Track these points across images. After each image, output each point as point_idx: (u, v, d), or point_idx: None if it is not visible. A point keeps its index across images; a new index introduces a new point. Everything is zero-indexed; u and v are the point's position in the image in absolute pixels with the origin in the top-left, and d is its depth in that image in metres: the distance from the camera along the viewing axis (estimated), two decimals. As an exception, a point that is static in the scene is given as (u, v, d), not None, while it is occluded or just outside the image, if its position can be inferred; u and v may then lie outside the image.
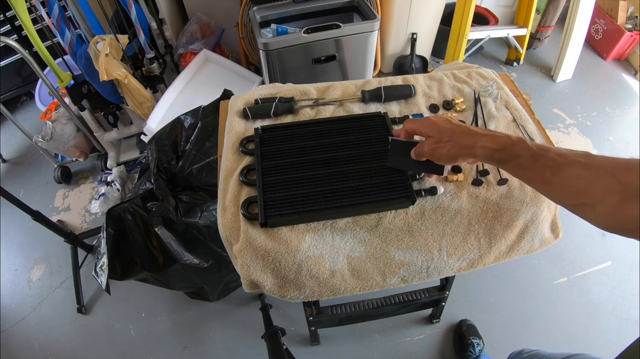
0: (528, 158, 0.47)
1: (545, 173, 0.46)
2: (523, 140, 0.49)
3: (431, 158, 0.57)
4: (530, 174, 0.47)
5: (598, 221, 0.43)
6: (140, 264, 1.12)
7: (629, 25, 2.29)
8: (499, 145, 0.49)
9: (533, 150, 0.47)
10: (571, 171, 0.44)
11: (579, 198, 0.44)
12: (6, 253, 1.72)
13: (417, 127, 0.59)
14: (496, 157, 0.49)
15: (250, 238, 0.67)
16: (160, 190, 1.14)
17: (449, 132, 0.54)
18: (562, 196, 0.46)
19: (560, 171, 0.45)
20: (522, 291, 1.46)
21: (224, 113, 0.89)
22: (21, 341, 1.45)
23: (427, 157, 0.58)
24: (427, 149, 0.57)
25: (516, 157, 0.48)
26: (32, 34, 1.42)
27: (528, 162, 0.47)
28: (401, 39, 2.10)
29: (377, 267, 0.69)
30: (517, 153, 0.48)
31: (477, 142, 0.51)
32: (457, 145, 0.53)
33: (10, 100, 2.30)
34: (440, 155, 0.55)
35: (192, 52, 1.84)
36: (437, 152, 0.55)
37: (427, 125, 0.57)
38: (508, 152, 0.48)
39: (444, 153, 0.54)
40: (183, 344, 1.39)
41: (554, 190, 0.46)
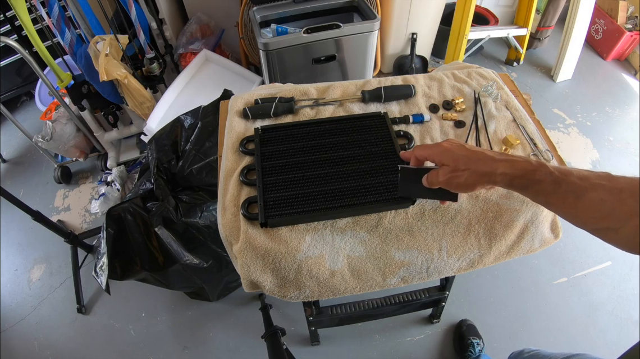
0: (550, 184, 0.45)
1: (568, 199, 0.44)
2: (544, 165, 0.46)
3: (447, 187, 0.54)
4: (552, 200, 0.46)
5: (622, 245, 0.42)
6: (140, 264, 1.12)
7: (629, 25, 2.29)
8: (519, 171, 0.47)
9: (555, 175, 0.45)
10: (594, 195, 0.42)
11: (603, 222, 0.42)
12: (6, 253, 1.72)
13: (430, 154, 0.56)
14: (516, 184, 0.47)
15: (250, 238, 0.67)
16: (160, 190, 1.14)
17: (464, 159, 0.51)
18: (585, 221, 0.44)
19: (583, 196, 0.43)
20: (522, 291, 1.46)
21: (224, 113, 0.89)
22: (21, 341, 1.45)
23: (443, 186, 0.55)
24: (442, 179, 0.54)
25: (537, 182, 0.46)
26: (32, 34, 1.42)
27: (550, 187, 0.45)
28: (401, 39, 2.10)
29: (377, 267, 0.69)
30: (539, 179, 0.46)
31: (495, 169, 0.48)
32: (475, 173, 0.50)
33: (10, 100, 2.30)
34: (458, 184, 0.52)
35: (192, 52, 1.84)
36: (454, 182, 0.52)
37: (441, 152, 0.54)
38: (529, 178, 0.46)
39: (462, 182, 0.52)
40: (183, 344, 1.39)
41: (577, 215, 0.44)
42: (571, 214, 0.45)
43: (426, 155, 0.57)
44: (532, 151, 0.79)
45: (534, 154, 0.78)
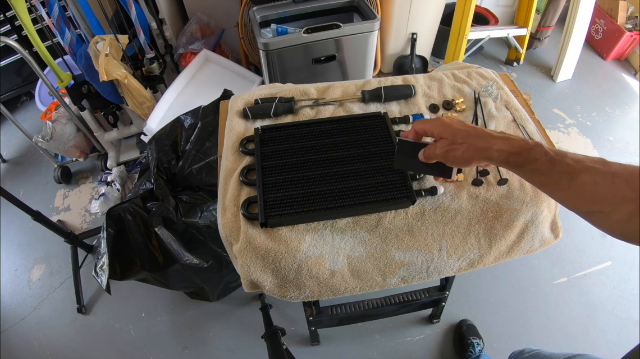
0: (545, 163, 0.46)
1: (561, 180, 0.45)
2: (540, 145, 0.47)
3: (444, 160, 0.54)
4: (546, 180, 0.46)
5: (612, 230, 0.43)
6: (140, 264, 1.12)
7: (629, 25, 2.29)
8: (516, 148, 0.48)
9: (550, 155, 0.46)
10: (587, 178, 0.43)
11: (594, 205, 0.43)
12: (6, 253, 1.72)
13: (429, 127, 0.56)
14: (512, 161, 0.48)
15: (250, 238, 0.67)
16: (160, 190, 1.14)
17: (463, 133, 0.52)
18: (577, 204, 0.45)
19: (576, 177, 0.44)
20: (522, 291, 1.46)
21: (224, 113, 0.89)
22: (21, 341, 1.45)
23: (439, 160, 0.55)
24: (439, 151, 0.54)
25: (533, 161, 0.46)
26: (32, 34, 1.42)
27: (545, 167, 0.46)
28: (401, 39, 2.10)
29: (377, 267, 0.69)
30: (534, 157, 0.46)
31: (492, 144, 0.49)
32: (472, 147, 0.50)
33: (10, 100, 2.30)
34: (454, 157, 0.52)
35: (192, 52, 1.84)
36: (451, 154, 0.52)
37: (440, 126, 0.54)
38: (525, 156, 0.47)
39: (458, 156, 0.52)
40: (183, 344, 1.39)
41: (569, 197, 0.45)
42: (564, 196, 0.45)
43: (425, 128, 0.57)
44: (532, 151, 0.79)
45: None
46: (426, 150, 0.56)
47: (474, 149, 0.50)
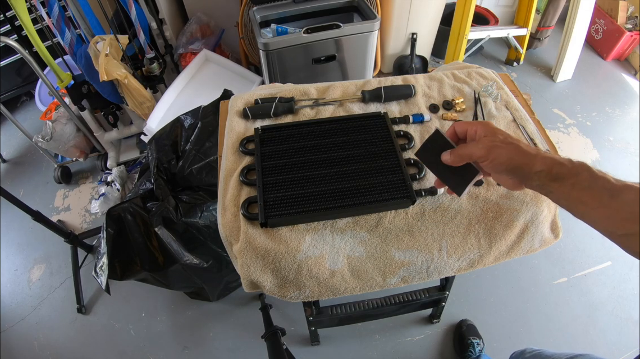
0: (587, 178, 0.44)
1: (603, 196, 0.42)
2: (582, 161, 0.46)
3: (484, 158, 0.49)
4: (586, 196, 0.44)
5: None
6: (140, 264, 1.12)
7: (629, 25, 2.29)
8: (560, 158, 0.46)
9: (592, 171, 0.44)
10: (629, 196, 0.41)
11: (633, 226, 0.40)
12: (6, 253, 1.72)
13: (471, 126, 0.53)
14: (555, 172, 0.46)
15: (250, 238, 0.67)
16: (160, 190, 1.14)
17: (512, 137, 0.50)
18: (616, 224, 0.42)
19: (618, 195, 0.42)
20: (522, 291, 1.46)
21: (224, 113, 0.89)
22: (21, 341, 1.45)
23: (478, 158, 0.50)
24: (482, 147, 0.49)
25: (575, 174, 0.44)
26: (32, 34, 1.42)
27: (587, 181, 0.44)
28: (401, 39, 2.10)
29: (377, 267, 0.69)
30: (577, 171, 0.45)
31: (539, 152, 0.47)
32: (520, 150, 0.48)
33: (10, 100, 2.30)
34: (498, 155, 0.48)
35: (192, 52, 1.84)
36: (495, 152, 0.48)
37: (485, 124, 0.52)
38: (568, 167, 0.45)
39: (503, 154, 0.48)
40: (183, 344, 1.39)
41: (608, 216, 0.42)
42: (603, 215, 0.43)
43: (467, 126, 0.53)
44: (532, 151, 0.79)
45: (534, 154, 0.78)
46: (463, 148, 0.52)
47: (522, 152, 0.48)
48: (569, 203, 0.46)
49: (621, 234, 0.42)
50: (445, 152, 0.54)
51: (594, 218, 0.44)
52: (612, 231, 0.43)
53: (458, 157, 0.52)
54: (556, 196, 0.47)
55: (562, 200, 0.46)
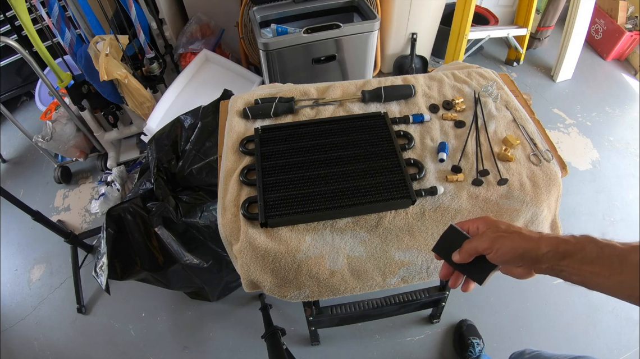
0: (594, 249, 0.44)
1: (613, 264, 0.43)
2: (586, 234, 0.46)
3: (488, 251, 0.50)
4: (596, 268, 0.44)
5: None
6: (140, 264, 1.12)
7: (629, 25, 2.29)
8: (565, 236, 0.46)
9: (598, 241, 0.45)
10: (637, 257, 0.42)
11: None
12: (6, 253, 1.72)
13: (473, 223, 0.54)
14: (562, 250, 0.46)
15: (250, 238, 0.67)
16: (160, 190, 1.14)
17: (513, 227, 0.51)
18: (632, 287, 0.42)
19: (627, 258, 0.42)
20: (522, 291, 1.46)
21: (224, 113, 0.89)
22: (21, 341, 1.45)
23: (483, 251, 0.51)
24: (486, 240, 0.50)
25: (582, 249, 0.45)
26: (32, 34, 1.42)
27: (594, 253, 0.44)
28: (401, 39, 2.10)
29: (377, 267, 0.69)
30: (583, 245, 0.45)
31: (540, 234, 0.48)
32: (524, 237, 0.48)
33: (10, 100, 2.30)
34: (502, 246, 0.48)
35: (192, 52, 1.84)
36: (499, 243, 0.49)
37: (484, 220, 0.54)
38: (573, 244, 0.45)
39: (507, 244, 0.48)
40: (183, 344, 1.39)
41: (623, 281, 0.42)
42: (618, 282, 0.43)
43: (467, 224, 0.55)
44: (532, 151, 0.79)
45: (534, 154, 0.78)
46: (468, 243, 0.52)
47: (525, 238, 0.48)
48: (581, 278, 0.46)
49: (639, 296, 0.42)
50: (455, 253, 0.55)
51: (610, 287, 0.44)
52: (630, 294, 0.43)
53: (465, 253, 0.53)
54: (568, 274, 0.46)
55: (574, 276, 0.46)
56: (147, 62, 1.68)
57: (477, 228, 0.54)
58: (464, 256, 0.53)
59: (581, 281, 0.46)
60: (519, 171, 0.75)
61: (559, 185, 0.75)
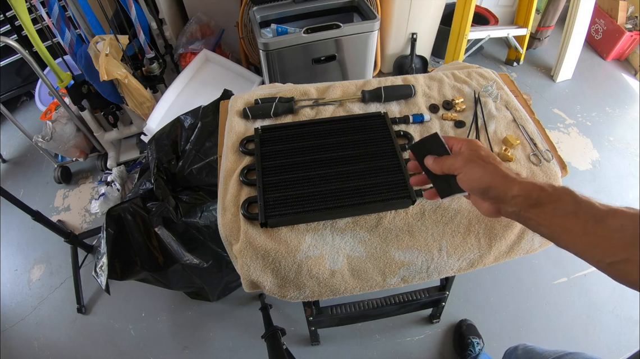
0: (570, 202, 0.41)
1: (587, 222, 0.40)
2: (565, 186, 0.43)
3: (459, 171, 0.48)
4: (569, 222, 0.41)
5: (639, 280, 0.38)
6: (140, 264, 1.12)
7: (629, 25, 2.29)
8: (540, 183, 0.44)
9: (575, 195, 0.42)
10: (615, 222, 0.39)
11: (622, 253, 0.38)
12: (6, 253, 1.72)
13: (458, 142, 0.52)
14: (535, 196, 0.43)
15: (250, 238, 0.67)
16: (160, 190, 1.14)
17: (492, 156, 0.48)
18: (603, 252, 0.40)
19: (603, 220, 0.40)
20: (522, 291, 1.46)
21: (224, 114, 0.89)
22: (21, 341, 1.45)
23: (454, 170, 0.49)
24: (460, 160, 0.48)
25: (557, 199, 0.42)
26: (32, 34, 1.42)
27: (569, 206, 0.41)
28: (401, 39, 2.10)
29: (377, 267, 0.69)
30: (559, 195, 0.42)
31: (518, 176, 0.45)
32: (497, 171, 0.46)
33: (10, 100, 2.30)
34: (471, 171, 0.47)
35: (192, 52, 1.84)
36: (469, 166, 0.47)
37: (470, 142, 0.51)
38: (549, 193, 0.43)
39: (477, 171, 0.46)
40: (183, 344, 1.39)
41: (594, 244, 0.40)
42: (588, 243, 0.40)
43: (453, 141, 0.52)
44: (532, 151, 0.79)
45: (534, 154, 0.78)
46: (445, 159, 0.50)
47: (499, 174, 0.45)
48: (550, 231, 0.43)
49: (609, 262, 0.40)
50: (429, 157, 0.53)
51: (579, 247, 0.42)
52: (600, 260, 0.40)
53: (439, 164, 0.51)
54: (535, 224, 0.44)
55: (543, 227, 0.43)
56: (147, 62, 1.68)
57: (460, 147, 0.51)
58: (435, 166, 0.51)
59: (550, 234, 0.44)
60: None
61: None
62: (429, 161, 0.53)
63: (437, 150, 0.53)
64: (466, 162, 0.47)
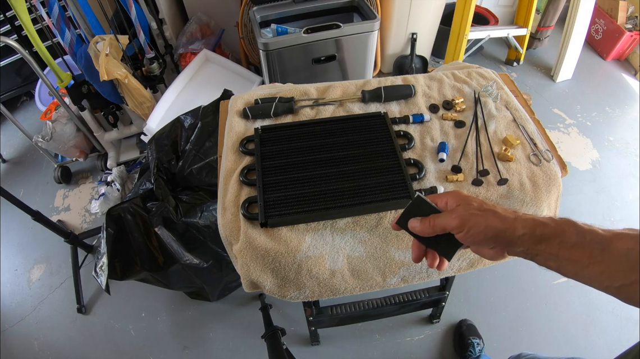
0: (574, 234, 0.41)
1: (594, 251, 0.40)
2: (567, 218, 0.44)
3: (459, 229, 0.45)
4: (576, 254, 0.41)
5: None
6: (140, 264, 1.12)
7: (629, 25, 2.29)
8: (543, 219, 0.44)
9: (579, 226, 0.42)
10: (620, 245, 0.39)
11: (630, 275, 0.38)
12: (6, 253, 1.72)
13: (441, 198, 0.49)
14: (539, 233, 0.43)
15: (250, 238, 0.67)
16: (160, 190, 1.14)
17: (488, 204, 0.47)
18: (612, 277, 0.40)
19: (609, 246, 0.40)
20: (522, 291, 1.46)
21: (224, 113, 0.89)
22: (21, 341, 1.45)
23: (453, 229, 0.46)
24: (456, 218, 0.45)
25: (562, 232, 0.42)
26: (32, 34, 1.42)
27: (574, 238, 0.41)
28: (401, 39, 2.10)
29: (377, 267, 0.69)
30: (563, 229, 0.42)
31: (519, 216, 0.45)
32: (497, 216, 0.45)
33: (10, 100, 2.30)
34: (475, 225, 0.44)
35: (192, 52, 1.84)
36: (471, 221, 0.45)
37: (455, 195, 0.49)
38: (552, 227, 0.43)
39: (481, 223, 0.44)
40: (183, 344, 1.39)
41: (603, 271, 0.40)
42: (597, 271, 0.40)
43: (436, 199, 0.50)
44: (532, 151, 0.79)
45: (534, 154, 0.78)
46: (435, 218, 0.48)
47: (500, 218, 0.44)
48: (558, 264, 0.43)
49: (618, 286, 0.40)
50: (413, 220, 0.49)
51: (587, 276, 0.42)
52: (608, 285, 0.40)
53: (429, 227, 0.48)
54: (544, 259, 0.44)
55: (551, 261, 0.43)
56: (147, 62, 1.68)
57: (445, 203, 0.49)
58: (424, 228, 0.48)
59: (557, 267, 0.43)
60: (519, 171, 0.75)
61: (559, 185, 0.75)
62: (414, 224, 0.49)
63: (425, 211, 0.50)
64: (463, 219, 0.45)
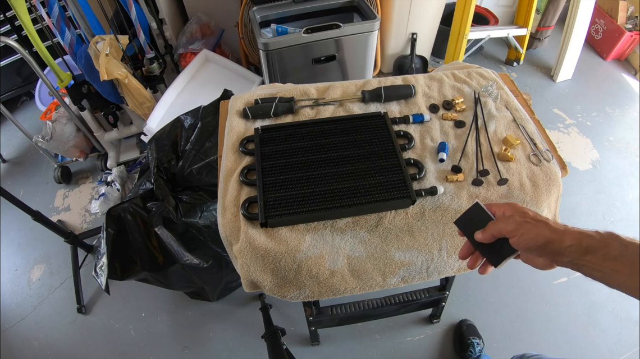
0: (617, 247, 0.44)
1: (635, 263, 0.43)
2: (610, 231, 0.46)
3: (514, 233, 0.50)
4: (619, 265, 0.44)
5: None
6: (140, 264, 1.12)
7: (629, 25, 2.29)
8: (589, 232, 0.47)
9: (622, 239, 0.45)
10: None
11: None
12: (6, 253, 1.72)
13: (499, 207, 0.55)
14: (585, 245, 0.46)
15: (250, 238, 0.67)
16: (160, 190, 1.14)
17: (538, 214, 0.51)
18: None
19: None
20: (522, 291, 1.46)
21: (224, 113, 0.89)
22: (21, 341, 1.45)
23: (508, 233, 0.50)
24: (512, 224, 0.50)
25: (605, 245, 0.45)
26: (32, 34, 1.42)
27: (617, 250, 0.44)
28: (401, 39, 2.10)
29: (377, 267, 0.69)
30: (607, 241, 0.45)
31: (566, 227, 0.48)
32: (549, 227, 0.48)
33: (10, 100, 2.30)
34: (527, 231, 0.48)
35: (192, 52, 1.84)
36: (524, 228, 0.49)
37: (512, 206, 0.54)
38: (597, 240, 0.45)
39: (532, 231, 0.48)
40: (183, 344, 1.39)
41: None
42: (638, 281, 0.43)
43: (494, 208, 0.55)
44: (532, 151, 0.79)
45: (534, 154, 0.78)
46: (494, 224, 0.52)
47: (550, 229, 0.48)
48: (602, 275, 0.46)
49: None
50: (478, 232, 0.54)
51: (629, 286, 0.44)
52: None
53: (489, 233, 0.53)
54: (589, 270, 0.47)
55: (596, 272, 0.46)
56: (147, 62, 1.68)
57: (502, 212, 0.54)
58: (487, 236, 0.53)
59: (602, 277, 0.46)
60: (519, 171, 0.75)
61: (559, 185, 0.75)
62: (479, 236, 0.54)
63: (482, 219, 0.55)
64: (519, 225, 0.50)
